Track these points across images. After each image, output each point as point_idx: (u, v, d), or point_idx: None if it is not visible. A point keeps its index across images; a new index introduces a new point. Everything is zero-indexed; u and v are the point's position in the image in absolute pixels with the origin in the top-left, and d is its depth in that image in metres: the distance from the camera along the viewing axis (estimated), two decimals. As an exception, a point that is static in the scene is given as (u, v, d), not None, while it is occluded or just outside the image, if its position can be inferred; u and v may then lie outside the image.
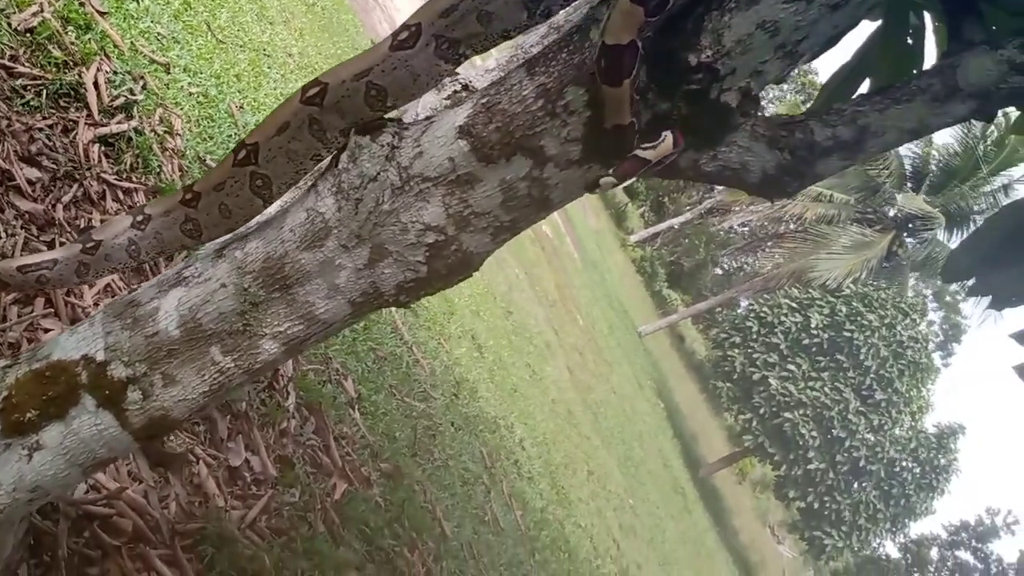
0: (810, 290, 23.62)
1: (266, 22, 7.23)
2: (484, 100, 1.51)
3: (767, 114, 1.66)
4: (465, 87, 1.72)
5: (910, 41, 2.12)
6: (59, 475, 1.67)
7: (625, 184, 1.53)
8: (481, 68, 1.73)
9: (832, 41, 2.09)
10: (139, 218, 1.72)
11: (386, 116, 1.56)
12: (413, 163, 1.52)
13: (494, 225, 1.55)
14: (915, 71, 2.00)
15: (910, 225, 24.01)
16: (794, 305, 23.53)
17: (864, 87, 2.27)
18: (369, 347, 5.80)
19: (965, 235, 24.76)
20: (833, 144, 1.53)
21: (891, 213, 25.04)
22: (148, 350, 1.61)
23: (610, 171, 1.48)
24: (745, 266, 43.10)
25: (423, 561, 4.90)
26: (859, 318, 22.41)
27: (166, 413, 1.64)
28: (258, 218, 1.69)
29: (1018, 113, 2.32)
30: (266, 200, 1.65)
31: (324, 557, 3.85)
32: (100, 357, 1.63)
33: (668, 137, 1.45)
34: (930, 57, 2.16)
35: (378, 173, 1.52)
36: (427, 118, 1.57)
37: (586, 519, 9.79)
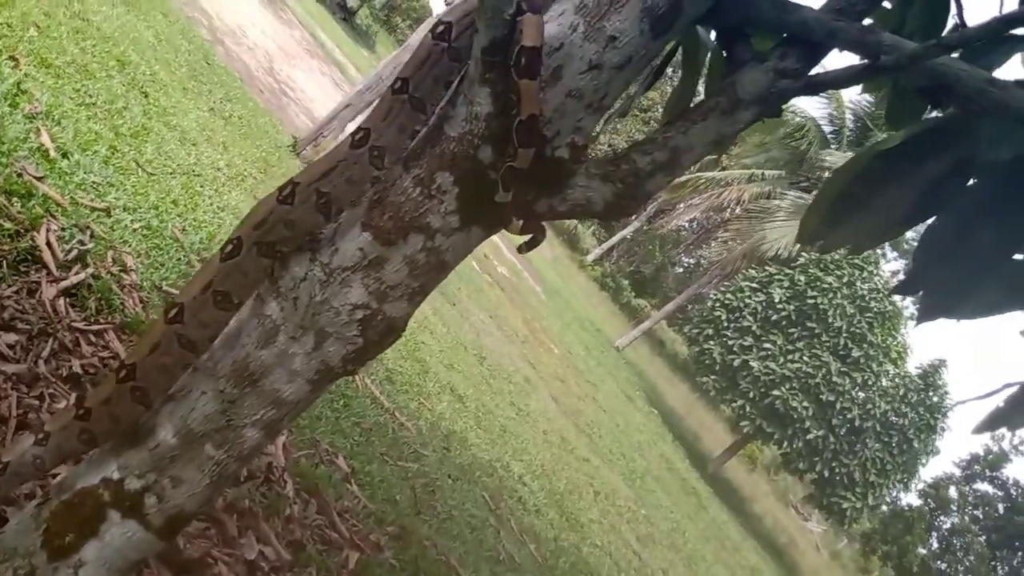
0: (767, 267, 24.22)
1: (190, 144, 7.61)
2: (376, 197, 1.89)
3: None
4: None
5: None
6: (103, 583, 2.00)
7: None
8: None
9: (652, 76, 2.52)
10: (40, 436, 2.03)
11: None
12: (332, 259, 1.89)
13: (407, 292, 1.92)
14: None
15: (844, 183, 24.71)
16: (755, 285, 24.12)
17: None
18: (353, 422, 6.11)
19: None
20: (654, 167, 1.92)
21: (824, 175, 25.83)
22: (153, 461, 1.95)
23: (502, 193, 1.85)
24: (701, 259, 43.91)
25: (447, 609, 5.18)
26: (818, 283, 23.02)
27: (181, 509, 1.97)
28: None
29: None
30: (147, 407, 1.97)
31: (352, 623, 4.14)
32: (116, 476, 1.96)
33: (521, 151, 1.81)
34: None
35: (306, 273, 1.89)
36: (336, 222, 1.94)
37: (601, 538, 10.04)
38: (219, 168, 7.93)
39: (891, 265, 35.56)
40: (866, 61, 1.84)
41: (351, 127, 12.36)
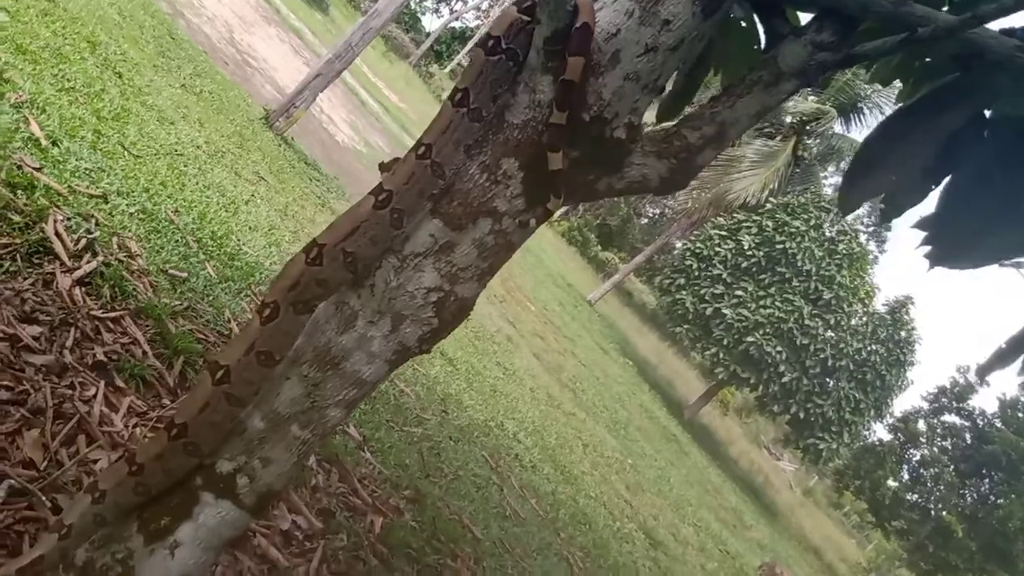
0: (735, 214, 24.48)
1: (168, 123, 7.55)
2: (444, 185, 1.98)
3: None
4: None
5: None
6: (199, 561, 2.09)
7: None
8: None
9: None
10: (96, 495, 2.09)
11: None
12: (404, 246, 1.99)
13: (477, 273, 2.02)
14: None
15: (807, 127, 25.04)
16: (723, 233, 24.39)
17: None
18: (358, 392, 6.20)
19: (857, 123, 25.99)
20: (704, 141, 2.02)
21: (787, 120, 26.06)
22: (243, 444, 2.05)
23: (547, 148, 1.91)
24: (667, 209, 44.19)
25: (467, 566, 5.35)
26: (786, 227, 23.34)
27: (270, 487, 2.08)
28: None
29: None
30: (199, 458, 2.06)
31: (385, 585, 4.30)
32: (206, 461, 2.06)
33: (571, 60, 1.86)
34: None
35: (381, 261, 1.98)
36: (408, 212, 2.03)
37: (594, 489, 10.30)
38: (198, 146, 7.88)
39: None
40: (904, 34, 1.94)
41: (322, 97, 12.28)
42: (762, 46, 2.43)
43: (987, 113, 2.35)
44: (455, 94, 1.94)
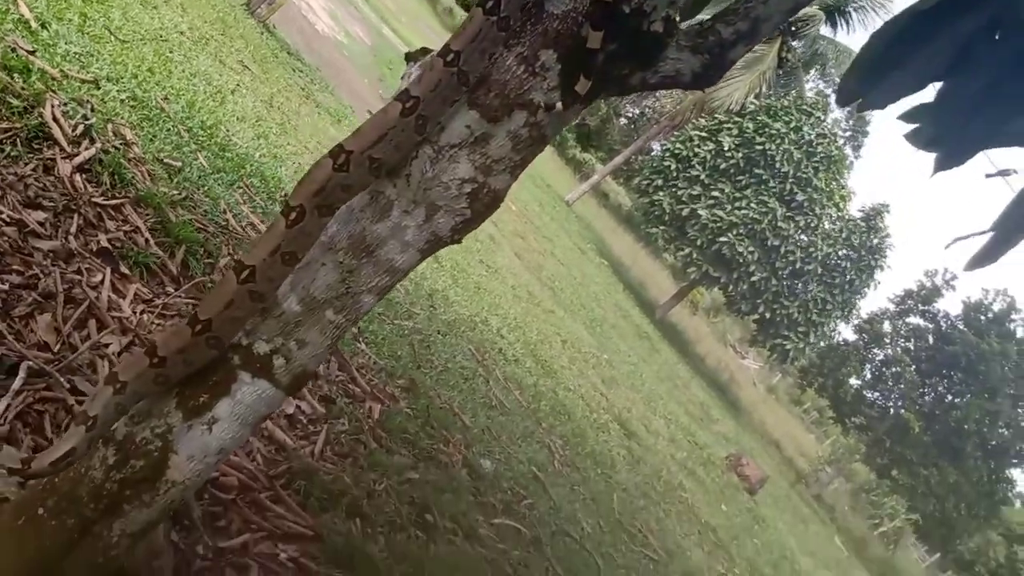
0: (716, 116, 24.34)
1: (151, 8, 7.33)
2: (480, 76, 2.00)
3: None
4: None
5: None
6: (235, 436, 2.19)
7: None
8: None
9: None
10: (117, 386, 2.13)
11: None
12: (440, 137, 2.02)
13: (510, 166, 2.07)
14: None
15: (793, 29, 24.72)
16: (704, 134, 24.30)
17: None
18: (350, 285, 6.27)
19: (845, 26, 25.69)
20: (737, 37, 2.05)
21: (772, 22, 25.61)
22: (280, 326, 2.12)
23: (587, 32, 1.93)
24: (647, 110, 43.73)
25: (458, 450, 5.57)
26: (767, 129, 23.29)
27: (305, 368, 2.17)
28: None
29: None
30: (219, 350, 2.12)
31: (385, 467, 4.48)
32: (244, 342, 2.13)
33: None
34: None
35: (417, 151, 2.02)
36: (440, 101, 2.05)
37: (572, 382, 10.59)
38: (182, 32, 7.68)
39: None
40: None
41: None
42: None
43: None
44: (487, 2, 1.93)
